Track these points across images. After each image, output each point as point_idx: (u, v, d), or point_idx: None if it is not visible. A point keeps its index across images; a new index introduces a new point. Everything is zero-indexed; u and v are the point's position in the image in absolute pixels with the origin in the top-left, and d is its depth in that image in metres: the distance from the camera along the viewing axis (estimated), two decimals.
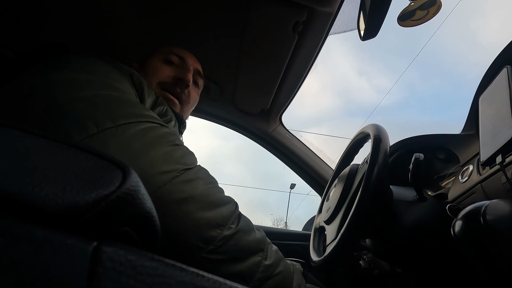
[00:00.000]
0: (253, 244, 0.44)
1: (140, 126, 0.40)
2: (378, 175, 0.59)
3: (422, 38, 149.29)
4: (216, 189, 0.44)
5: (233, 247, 0.42)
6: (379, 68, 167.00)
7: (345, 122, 60.42)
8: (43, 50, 0.52)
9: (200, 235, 0.39)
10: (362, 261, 0.96)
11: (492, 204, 0.48)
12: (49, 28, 0.87)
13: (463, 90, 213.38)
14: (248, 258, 0.43)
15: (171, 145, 0.42)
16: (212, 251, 0.40)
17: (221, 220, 0.41)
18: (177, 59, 0.74)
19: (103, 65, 0.48)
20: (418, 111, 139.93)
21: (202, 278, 0.20)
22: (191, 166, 0.42)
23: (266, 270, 0.44)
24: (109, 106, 0.41)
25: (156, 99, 0.55)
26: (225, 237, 0.41)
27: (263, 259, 0.45)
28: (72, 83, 0.41)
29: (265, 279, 0.44)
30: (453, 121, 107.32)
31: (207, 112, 1.27)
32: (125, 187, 0.21)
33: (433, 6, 0.80)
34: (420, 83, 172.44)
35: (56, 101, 0.39)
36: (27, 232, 0.17)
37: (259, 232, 0.47)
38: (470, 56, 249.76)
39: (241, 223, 0.44)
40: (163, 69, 0.71)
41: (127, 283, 0.18)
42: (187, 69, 0.74)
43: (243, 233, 0.43)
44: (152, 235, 0.25)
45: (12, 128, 0.22)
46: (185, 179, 0.40)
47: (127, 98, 0.45)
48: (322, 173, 1.34)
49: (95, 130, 0.37)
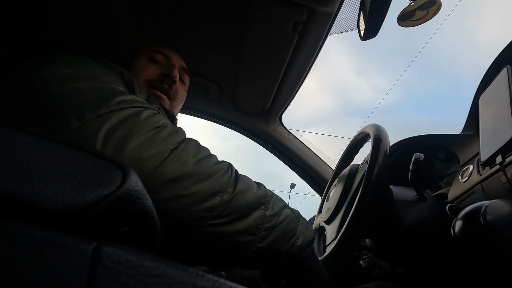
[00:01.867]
0: (253, 200, 0.46)
1: (122, 113, 0.40)
2: (378, 175, 0.59)
3: (418, 38, 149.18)
4: (208, 159, 0.44)
5: (235, 208, 0.43)
6: (376, 68, 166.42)
7: (343, 122, 60.36)
8: (39, 49, 0.52)
9: (202, 206, 0.40)
10: (362, 261, 0.96)
11: (492, 204, 0.48)
12: (49, 28, 0.87)
13: (460, 91, 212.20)
14: (251, 214, 0.45)
15: (155, 127, 0.42)
16: (216, 217, 0.41)
17: (218, 187, 0.42)
18: (162, 57, 0.76)
19: (91, 62, 0.48)
20: (416, 111, 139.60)
21: (202, 278, 0.20)
22: (179, 143, 0.42)
23: (270, 220, 0.47)
24: (90, 97, 0.40)
25: (147, 98, 0.55)
26: (226, 201, 0.42)
27: (265, 211, 0.47)
28: (56, 79, 0.41)
29: (272, 228, 0.47)
30: (450, 121, 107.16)
31: (207, 112, 1.27)
32: (125, 187, 0.21)
33: (432, 6, 0.80)
34: (418, 83, 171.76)
35: (40, 97, 0.39)
36: (27, 232, 0.17)
37: (258, 187, 0.49)
38: (466, 56, 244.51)
39: (239, 184, 0.45)
40: (149, 67, 0.73)
41: (127, 283, 0.18)
42: (173, 65, 0.76)
43: (242, 193, 0.45)
44: (152, 235, 0.25)
45: (12, 128, 0.22)
46: (174, 158, 0.40)
47: (110, 87, 0.44)
48: (322, 173, 1.34)
49: (76, 124, 0.37)
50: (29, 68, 0.43)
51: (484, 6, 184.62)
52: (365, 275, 0.95)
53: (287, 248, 0.48)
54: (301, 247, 0.50)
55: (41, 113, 0.38)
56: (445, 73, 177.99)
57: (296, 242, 0.50)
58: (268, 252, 0.47)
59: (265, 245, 0.46)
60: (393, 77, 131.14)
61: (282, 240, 0.48)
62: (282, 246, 0.48)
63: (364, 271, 0.94)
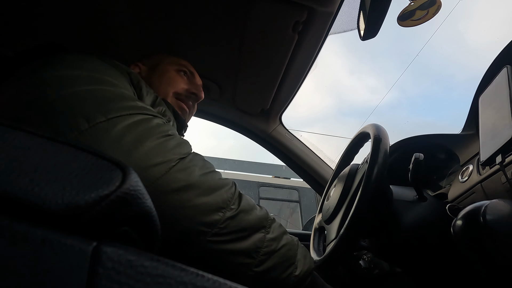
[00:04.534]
0: (255, 222, 0.45)
1: (132, 119, 0.40)
2: (378, 175, 0.59)
3: (412, 38, 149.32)
4: (213, 174, 0.45)
5: (236, 227, 0.43)
6: (370, 68, 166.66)
7: (338, 121, 59.91)
8: (42, 50, 0.52)
9: (203, 220, 0.40)
10: (362, 261, 0.96)
11: (492, 204, 0.48)
12: (49, 28, 0.87)
13: (455, 92, 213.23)
14: (252, 236, 0.44)
15: (164, 135, 0.42)
16: (216, 234, 0.41)
17: (222, 202, 0.42)
18: (188, 73, 0.79)
19: (98, 62, 0.48)
20: (410, 111, 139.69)
21: (202, 278, 0.20)
22: (186, 154, 0.43)
23: (270, 245, 0.46)
24: (100, 100, 0.40)
25: (155, 99, 0.55)
26: (228, 219, 0.42)
27: (266, 234, 0.46)
28: (63, 80, 0.41)
29: (271, 253, 0.46)
30: (445, 121, 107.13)
31: (207, 112, 1.27)
32: (125, 187, 0.21)
33: (432, 6, 0.80)
34: (411, 84, 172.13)
35: (47, 99, 0.39)
36: (27, 232, 0.17)
37: (260, 209, 0.48)
38: (459, 57, 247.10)
39: (242, 203, 0.45)
40: (179, 81, 0.75)
41: (127, 283, 0.18)
42: (199, 85, 0.80)
43: (245, 213, 0.44)
44: (152, 234, 0.25)
45: (12, 128, 0.22)
46: (181, 168, 0.40)
47: (119, 91, 0.44)
48: (322, 173, 1.34)
49: (86, 125, 0.37)
50: (35, 69, 0.43)
51: (475, 7, 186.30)
52: (364, 275, 0.95)
53: (285, 277, 0.47)
54: (299, 277, 0.48)
55: (46, 113, 0.38)
56: (438, 74, 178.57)
57: (294, 272, 0.48)
58: (265, 278, 0.45)
59: (262, 271, 0.45)
60: (386, 77, 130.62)
61: (280, 268, 0.46)
62: (280, 274, 0.46)
63: (364, 271, 0.94)
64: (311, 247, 0.84)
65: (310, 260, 0.52)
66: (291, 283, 0.48)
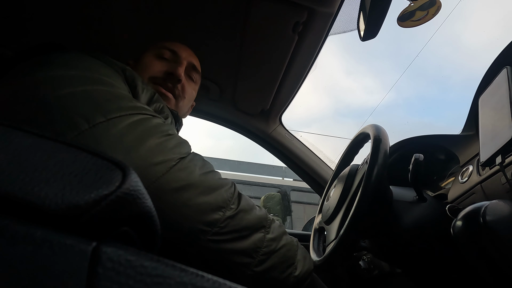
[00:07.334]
0: (255, 222, 0.46)
1: (131, 119, 0.40)
2: (378, 176, 0.59)
3: (408, 40, 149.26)
4: (212, 173, 0.45)
5: (236, 226, 0.43)
6: (366, 69, 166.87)
7: (336, 122, 59.99)
8: (40, 49, 0.52)
9: (204, 219, 0.40)
10: (362, 261, 0.96)
11: (492, 204, 0.48)
12: (49, 28, 0.87)
13: (451, 93, 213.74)
14: (252, 235, 0.45)
15: (164, 135, 0.42)
16: (216, 233, 0.41)
17: (222, 202, 0.42)
18: (169, 54, 0.73)
19: (93, 61, 0.48)
20: (407, 112, 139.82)
21: (202, 278, 0.20)
22: (186, 154, 0.43)
23: (269, 244, 0.46)
24: (99, 101, 0.40)
25: (152, 96, 0.54)
26: (227, 218, 0.42)
27: (265, 234, 0.46)
28: (59, 80, 0.41)
29: (270, 253, 0.46)
30: (442, 122, 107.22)
31: (207, 112, 1.27)
32: (125, 187, 0.21)
33: (432, 7, 0.80)
34: (406, 85, 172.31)
35: (44, 99, 0.38)
36: (26, 232, 0.17)
37: (260, 209, 0.48)
38: (455, 58, 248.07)
39: (242, 202, 0.45)
40: (154, 64, 0.70)
41: (126, 283, 0.18)
42: (179, 63, 0.72)
43: (245, 212, 0.45)
44: (152, 234, 0.25)
45: (12, 128, 0.22)
46: (182, 167, 0.40)
47: (117, 92, 0.44)
48: (322, 174, 1.34)
49: (86, 126, 0.37)
50: (30, 68, 0.43)
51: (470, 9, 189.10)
52: (364, 276, 0.95)
53: (284, 277, 0.47)
54: (298, 278, 0.49)
55: (44, 114, 0.37)
56: (434, 75, 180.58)
57: (294, 272, 0.48)
58: (264, 278, 0.45)
59: (262, 270, 0.45)
60: (381, 79, 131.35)
61: (280, 268, 0.47)
62: (279, 274, 0.47)
63: (364, 272, 0.94)
64: (311, 247, 0.84)
65: (309, 261, 0.53)
66: (291, 284, 0.48)
